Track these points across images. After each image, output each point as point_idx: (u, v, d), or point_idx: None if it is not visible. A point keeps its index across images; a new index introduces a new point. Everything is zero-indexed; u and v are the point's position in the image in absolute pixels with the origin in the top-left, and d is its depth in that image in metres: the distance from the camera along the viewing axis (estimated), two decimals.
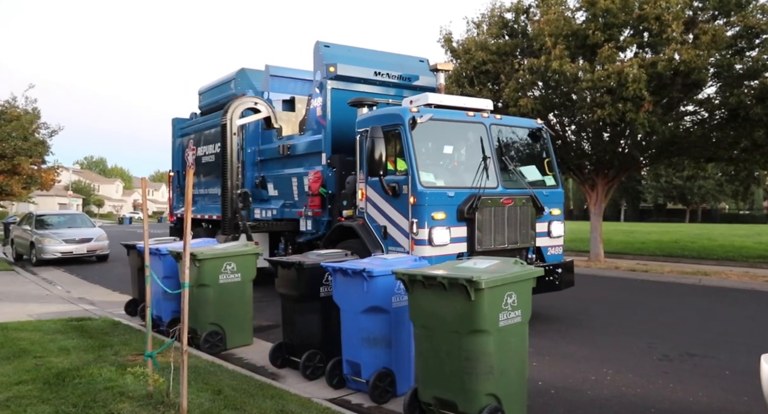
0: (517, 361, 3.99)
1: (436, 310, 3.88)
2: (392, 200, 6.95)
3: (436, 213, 6.69)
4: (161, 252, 7.02)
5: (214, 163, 11.41)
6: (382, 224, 7.10)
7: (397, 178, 6.92)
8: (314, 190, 8.46)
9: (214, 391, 4.50)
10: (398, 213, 6.89)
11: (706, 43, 12.30)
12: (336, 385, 4.89)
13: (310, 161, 8.97)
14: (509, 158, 7.66)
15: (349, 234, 7.64)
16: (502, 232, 7.12)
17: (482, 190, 6.93)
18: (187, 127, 12.88)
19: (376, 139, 6.72)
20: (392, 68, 9.37)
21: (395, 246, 6.92)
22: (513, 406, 3.92)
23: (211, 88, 12.14)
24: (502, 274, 3.86)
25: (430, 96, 7.55)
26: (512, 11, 15.84)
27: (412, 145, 6.81)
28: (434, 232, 6.63)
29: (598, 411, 4.48)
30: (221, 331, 6.31)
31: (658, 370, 5.53)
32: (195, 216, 11.86)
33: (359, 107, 7.90)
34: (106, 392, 4.38)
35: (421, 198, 6.63)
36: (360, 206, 7.50)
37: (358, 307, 4.60)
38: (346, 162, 8.26)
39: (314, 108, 8.97)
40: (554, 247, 7.91)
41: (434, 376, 3.93)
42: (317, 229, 8.68)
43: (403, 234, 6.81)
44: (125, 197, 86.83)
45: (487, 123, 7.55)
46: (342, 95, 8.64)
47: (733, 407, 4.53)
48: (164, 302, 7.00)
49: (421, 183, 6.70)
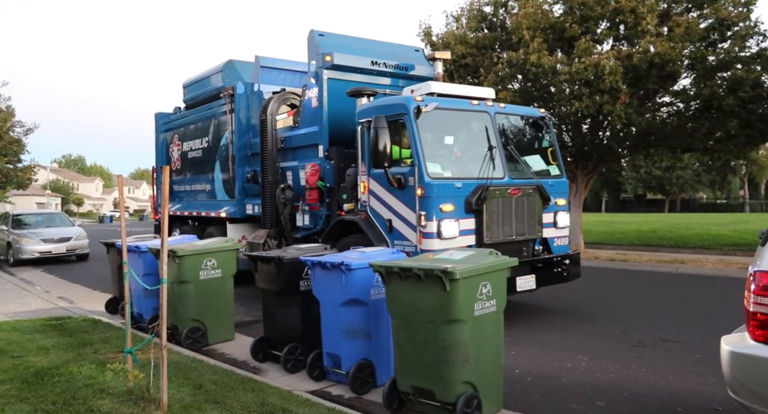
0: (492, 349, 4.08)
1: (412, 301, 3.95)
2: (398, 192, 6.74)
3: (444, 205, 6.48)
4: (141, 249, 6.99)
5: (202, 158, 11.16)
6: (387, 218, 6.88)
7: (402, 170, 6.70)
8: (312, 184, 8.17)
9: (195, 385, 4.53)
10: (404, 206, 6.68)
11: (679, 35, 12.50)
12: (317, 377, 4.94)
13: (306, 154, 8.70)
14: (514, 148, 7.48)
15: (352, 228, 7.42)
16: (510, 224, 6.94)
17: (490, 181, 6.76)
18: (171, 122, 12.52)
19: (379, 129, 6.50)
20: (388, 58, 9.06)
21: (401, 240, 6.71)
22: (489, 393, 4.01)
23: (197, 81, 11.74)
24: (477, 264, 3.94)
25: (433, 84, 7.30)
26: (491, 5, 15.93)
27: (418, 134, 6.58)
28: (443, 225, 6.42)
29: (572, 396, 4.59)
30: (202, 327, 6.32)
31: (632, 356, 5.67)
32: (183, 213, 11.63)
33: (358, 97, 7.65)
34: (86, 389, 4.39)
35: (428, 190, 6.41)
36: (362, 199, 7.25)
37: (338, 300, 4.66)
38: (345, 154, 8.03)
39: (309, 99, 8.67)
40: (560, 238, 7.74)
41: (412, 366, 4.00)
42: (315, 223, 8.45)
43: (410, 227, 6.61)
44: (105, 195, 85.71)
45: (491, 112, 7.35)
46: (338, 85, 8.30)
47: (701, 389, 4.68)
48: (145, 299, 6.99)
49: (429, 174, 6.47)
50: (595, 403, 4.44)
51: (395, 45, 9.60)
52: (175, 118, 12.39)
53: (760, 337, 2.87)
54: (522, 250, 7.18)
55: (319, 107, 8.31)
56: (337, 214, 7.79)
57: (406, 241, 6.65)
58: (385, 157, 6.54)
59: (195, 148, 11.48)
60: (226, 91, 9.98)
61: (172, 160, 12.40)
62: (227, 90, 9.99)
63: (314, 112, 8.51)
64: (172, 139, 12.36)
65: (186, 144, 11.82)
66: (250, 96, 9.91)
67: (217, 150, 10.68)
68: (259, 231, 9.18)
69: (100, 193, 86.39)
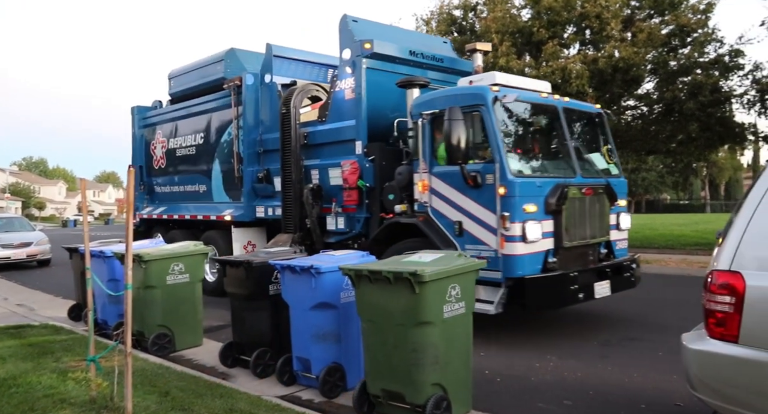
0: (462, 351, 4.11)
1: (382, 303, 3.95)
2: (471, 192, 6.19)
3: (527, 205, 5.95)
4: (105, 254, 6.83)
5: (196, 156, 10.41)
6: (456, 219, 6.33)
7: (477, 167, 6.15)
8: (352, 183, 7.45)
9: (161, 393, 4.44)
10: (480, 206, 6.13)
11: (642, 40, 12.85)
12: (287, 381, 4.90)
13: (337, 151, 7.92)
14: (581, 145, 7.05)
15: (406, 232, 6.85)
16: (584, 226, 6.50)
17: (568, 180, 6.34)
18: (153, 117, 11.65)
19: (454, 121, 5.93)
20: (422, 48, 8.44)
21: (476, 244, 6.16)
22: (458, 394, 4.04)
23: (188, 72, 10.80)
24: (446, 267, 3.97)
25: (497, 75, 6.79)
26: (460, 8, 16.11)
27: (498, 128, 6.08)
28: (527, 227, 5.89)
29: (541, 396, 4.65)
30: (170, 333, 6.20)
31: (598, 355, 5.78)
32: (171, 216, 10.84)
33: (409, 88, 7.15)
34: (45, 400, 4.26)
35: (512, 188, 5.89)
36: (421, 200, 6.70)
37: (307, 304, 4.63)
38: (388, 151, 7.44)
39: (341, 91, 7.89)
40: (622, 241, 7.29)
41: (382, 369, 4.00)
42: (351, 227, 7.72)
43: (488, 230, 6.07)
44: (69, 199, 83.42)
45: (559, 106, 6.83)
46: (376, 77, 7.67)
47: (664, 386, 4.80)
48: (110, 306, 6.83)
49: (511, 171, 5.98)
50: (562, 402, 4.51)
51: (425, 36, 8.77)
52: (159, 113, 11.53)
53: (718, 335, 2.96)
54: (589, 254, 6.73)
55: (357, 100, 7.61)
56: (380, 217, 7.28)
57: (483, 246, 6.10)
58: (460, 152, 5.97)
59: (185, 145, 10.65)
60: (231, 82, 9.25)
61: (154, 159, 11.55)
62: (232, 81, 9.24)
63: (349, 104, 7.78)
64: (155, 136, 11.51)
65: (173, 140, 10.97)
66: (260, 88, 9.17)
67: (215, 147, 9.99)
68: (281, 236, 8.42)
69: (63, 197, 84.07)
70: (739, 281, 2.88)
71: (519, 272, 5.89)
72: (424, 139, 6.71)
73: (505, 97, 6.22)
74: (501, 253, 5.93)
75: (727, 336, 2.91)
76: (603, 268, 6.65)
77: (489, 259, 5.93)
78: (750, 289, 2.85)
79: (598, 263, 6.76)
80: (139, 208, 11.84)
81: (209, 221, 9.93)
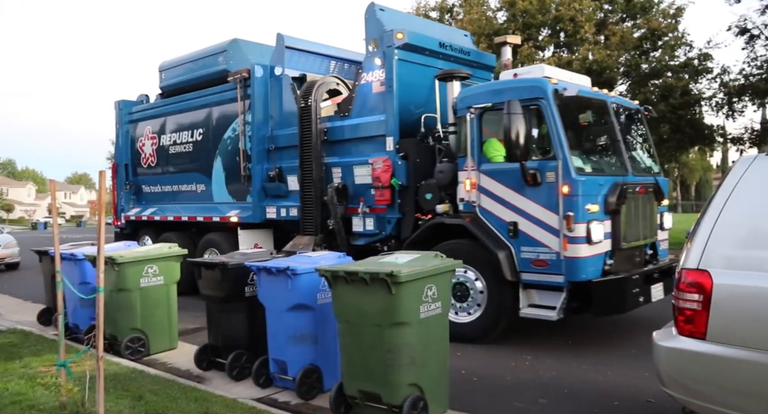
0: (438, 351, 4.13)
1: (358, 304, 3.94)
2: (528, 190, 5.88)
3: (590, 205, 5.68)
4: (77, 257, 6.69)
5: (193, 153, 9.83)
6: (510, 220, 6.01)
7: (535, 164, 5.84)
8: (385, 182, 7.04)
9: (135, 397, 4.37)
10: (539, 206, 5.82)
11: (615, 43, 13.11)
12: (263, 384, 4.86)
13: (364, 148, 7.55)
14: (628, 142, 6.76)
15: (448, 234, 6.52)
16: (638, 226, 6.27)
17: (625, 178, 6.10)
18: (142, 112, 11.00)
19: (514, 115, 5.58)
20: (449, 40, 8.06)
21: (533, 246, 5.86)
22: (435, 394, 4.06)
23: (184, 64, 10.18)
24: (422, 267, 3.98)
25: (546, 68, 6.51)
26: (437, 10, 16.23)
27: (560, 123, 5.77)
28: (592, 228, 5.61)
29: (516, 395, 4.70)
30: (143, 336, 6.10)
31: (572, 354, 5.86)
32: (164, 218, 10.25)
33: (449, 81, 6.85)
34: (13, 407, 4.16)
35: (576, 187, 5.61)
36: (467, 199, 6.36)
37: (284, 306, 4.60)
38: (422, 147, 7.12)
39: (368, 83, 7.50)
40: (664, 241, 7.05)
41: (358, 370, 4.00)
42: (381, 228, 7.33)
43: (549, 231, 5.76)
44: (39, 201, 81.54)
45: (608, 101, 6.57)
46: (406, 69, 7.30)
47: (636, 382, 4.89)
48: (81, 309, 6.68)
49: (575, 169, 5.71)
50: (537, 400, 4.57)
51: (446, 27, 8.47)
52: (148, 108, 10.94)
53: (687, 332, 3.03)
54: (638, 255, 6.50)
55: (387, 93, 7.23)
56: (415, 218, 7.00)
57: (542, 248, 5.81)
58: (520, 149, 5.62)
59: (181, 142, 10.03)
60: (238, 75, 8.73)
61: (143, 156, 10.90)
62: (239, 73, 8.72)
63: (377, 98, 7.41)
64: (143, 132, 10.88)
65: (166, 137, 10.33)
66: (270, 81, 8.66)
67: (217, 143, 9.44)
68: (301, 238, 7.94)
69: (33, 199, 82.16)
70: (706, 279, 2.96)
71: (583, 276, 5.64)
72: (472, 134, 6.35)
73: (566, 91, 5.94)
74: (564, 255, 5.65)
75: (696, 333, 2.98)
76: (655, 271, 6.41)
77: (549, 262, 5.72)
78: (717, 287, 2.93)
79: (645, 265, 6.54)
80: (124, 209, 11.25)
81: (210, 223, 9.42)
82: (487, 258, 6.09)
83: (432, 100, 7.33)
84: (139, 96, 11.49)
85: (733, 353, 2.85)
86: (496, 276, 6.04)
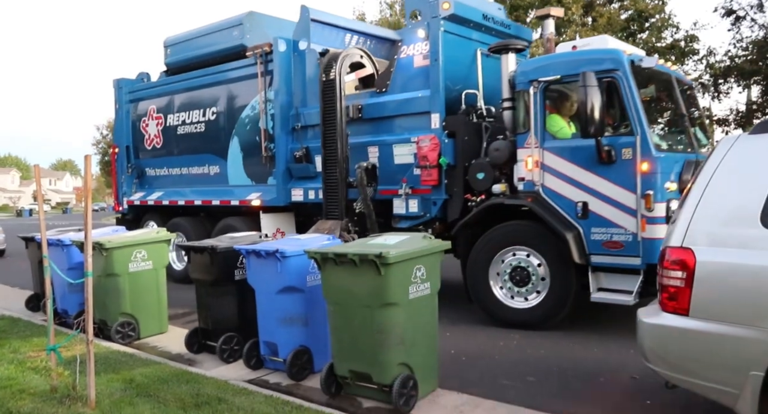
0: (427, 331, 4.18)
1: (347, 286, 3.97)
2: (600, 168, 5.59)
3: (669, 183, 5.41)
4: (64, 242, 6.65)
5: (206, 134, 9.34)
6: (579, 199, 5.71)
7: (608, 140, 5.55)
8: (432, 161, 6.68)
9: (126, 380, 4.39)
10: (613, 184, 5.53)
11: (603, 25, 13.10)
12: (254, 366, 4.89)
13: (405, 125, 7.21)
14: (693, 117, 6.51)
15: (508, 214, 6.27)
16: None
17: (696, 156, 5.82)
18: (144, 90, 10.46)
19: (590, 88, 5.30)
20: (489, 11, 7.69)
21: (606, 226, 5.58)
22: (425, 373, 4.12)
23: (194, 39, 9.58)
24: (411, 248, 4.01)
25: (609, 39, 6.26)
26: None
27: (638, 96, 5.49)
28: (672, 207, 5.32)
29: (505, 373, 4.77)
30: (133, 321, 6.10)
31: (561, 333, 5.93)
32: (174, 202, 9.78)
33: (504, 53, 6.53)
34: (3, 391, 4.16)
35: (656, 164, 5.33)
36: (528, 178, 6.06)
37: (273, 288, 4.62)
38: (471, 124, 6.81)
39: (409, 57, 7.20)
40: None
41: (348, 350, 4.04)
42: (426, 210, 6.99)
43: (624, 211, 5.47)
44: (23, 188, 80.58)
45: (673, 75, 6.26)
46: (450, 42, 6.96)
47: (622, 359, 4.99)
48: (70, 295, 6.65)
49: (655, 145, 5.44)
50: (526, 378, 4.64)
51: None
52: (153, 86, 10.37)
53: (670, 308, 3.09)
54: None
55: (432, 67, 6.90)
56: (465, 199, 6.70)
57: (616, 229, 5.53)
58: (594, 124, 5.31)
59: (191, 122, 9.53)
60: (258, 49, 8.26)
61: (146, 138, 10.38)
62: (259, 47, 8.25)
63: (419, 73, 7.10)
64: (146, 112, 10.34)
65: (173, 117, 9.81)
66: (293, 56, 8.18)
67: (233, 123, 8.96)
68: (324, 223, 7.51)
69: (17, 186, 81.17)
70: (690, 257, 3.01)
71: None
72: (536, 109, 6.03)
73: (642, 62, 5.66)
74: (641, 236, 5.36)
75: (679, 309, 3.05)
76: None
77: (624, 243, 5.46)
78: (700, 265, 2.98)
79: None
80: (126, 193, 10.70)
81: (228, 207, 8.94)
82: (550, 240, 5.84)
83: (472, 75, 7.09)
84: (139, 74, 10.94)
85: (715, 328, 2.92)
86: (561, 259, 5.79)
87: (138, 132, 10.60)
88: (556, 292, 5.92)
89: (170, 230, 7.02)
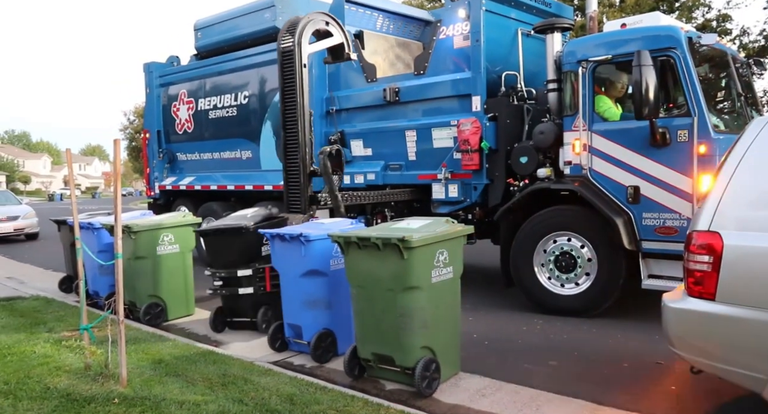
0: (450, 314, 4.21)
1: (371, 270, 4.01)
2: (652, 151, 5.41)
3: None
4: (94, 226, 6.82)
5: (237, 118, 9.26)
6: (630, 184, 5.56)
7: (663, 121, 5.35)
8: (474, 145, 6.54)
9: (155, 360, 4.52)
10: (666, 167, 5.35)
11: (630, 5, 12.78)
12: (278, 348, 4.98)
13: (443, 108, 7.04)
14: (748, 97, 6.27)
15: (553, 199, 6.12)
16: None
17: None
18: (175, 74, 10.40)
19: (645, 68, 5.08)
20: None
21: (659, 211, 5.43)
22: (447, 357, 4.15)
23: (225, 21, 9.40)
24: (433, 232, 4.02)
25: (662, 16, 6.05)
26: None
27: (696, 75, 5.29)
28: None
29: (527, 357, 4.78)
30: (161, 303, 6.25)
31: (583, 318, 5.91)
32: (206, 187, 9.73)
33: (549, 33, 6.38)
34: (41, 368, 4.32)
35: (714, 147, 5.13)
36: (576, 162, 5.91)
37: (297, 272, 4.68)
38: (513, 107, 6.70)
39: (449, 38, 7.06)
40: None
41: (372, 333, 4.09)
42: (466, 195, 6.87)
43: (679, 195, 5.30)
44: (54, 173, 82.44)
45: (729, 52, 6.04)
46: (491, 21, 6.83)
47: (646, 345, 4.95)
48: (101, 277, 6.85)
49: (713, 126, 5.24)
50: (548, 362, 4.64)
51: None
52: (184, 69, 10.33)
53: (696, 293, 3.05)
54: None
55: (473, 48, 6.73)
56: (507, 183, 6.61)
57: (669, 214, 5.38)
58: (649, 105, 5.10)
59: (223, 106, 9.45)
60: None
61: (177, 122, 10.35)
62: None
63: (459, 54, 6.95)
64: (178, 96, 10.31)
65: (205, 101, 9.75)
66: None
67: (266, 107, 8.87)
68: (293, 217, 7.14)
69: (48, 171, 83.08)
70: (717, 241, 2.96)
71: None
72: (584, 91, 5.85)
73: (700, 39, 5.43)
74: None
75: (705, 294, 3.01)
76: None
77: (679, 229, 5.28)
78: (728, 249, 2.93)
79: None
80: (158, 178, 10.76)
81: (262, 192, 8.83)
82: (599, 225, 5.71)
83: (512, 56, 6.98)
84: (169, 57, 10.94)
85: (742, 313, 2.88)
86: (609, 244, 5.67)
87: (169, 116, 10.57)
88: (604, 279, 5.79)
89: (202, 215, 6.98)
